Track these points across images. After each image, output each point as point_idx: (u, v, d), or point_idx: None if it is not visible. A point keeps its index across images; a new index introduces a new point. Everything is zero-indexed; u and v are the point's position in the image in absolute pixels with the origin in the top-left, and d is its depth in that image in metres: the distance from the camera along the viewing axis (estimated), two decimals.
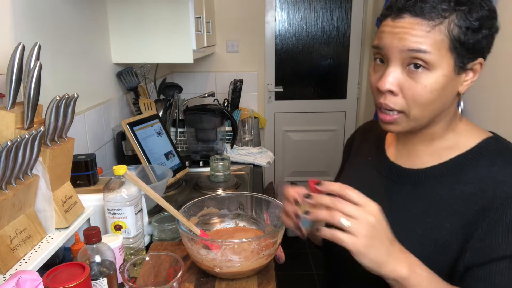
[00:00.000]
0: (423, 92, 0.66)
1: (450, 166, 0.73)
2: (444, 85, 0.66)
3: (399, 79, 0.67)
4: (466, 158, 0.72)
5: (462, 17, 0.64)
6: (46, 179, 0.79)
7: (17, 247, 0.72)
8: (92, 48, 1.51)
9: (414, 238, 0.71)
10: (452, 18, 0.64)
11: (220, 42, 2.90)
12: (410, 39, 0.65)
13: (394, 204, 0.77)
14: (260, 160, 1.84)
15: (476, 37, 0.65)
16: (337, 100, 3.16)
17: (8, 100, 0.76)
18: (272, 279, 0.88)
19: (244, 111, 2.59)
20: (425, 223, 0.71)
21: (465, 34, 0.64)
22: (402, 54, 0.66)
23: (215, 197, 1.04)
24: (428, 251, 0.69)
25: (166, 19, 1.64)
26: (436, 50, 0.64)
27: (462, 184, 0.70)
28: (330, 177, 3.30)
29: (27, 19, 1.06)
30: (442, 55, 0.64)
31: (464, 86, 0.70)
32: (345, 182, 0.88)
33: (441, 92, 0.67)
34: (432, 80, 0.66)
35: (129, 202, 0.92)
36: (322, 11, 2.99)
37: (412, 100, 0.67)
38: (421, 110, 0.68)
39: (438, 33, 0.64)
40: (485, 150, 0.72)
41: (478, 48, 0.66)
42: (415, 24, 0.64)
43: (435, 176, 0.74)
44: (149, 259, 0.80)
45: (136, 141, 1.43)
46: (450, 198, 0.70)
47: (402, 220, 0.74)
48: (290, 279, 2.56)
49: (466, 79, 0.69)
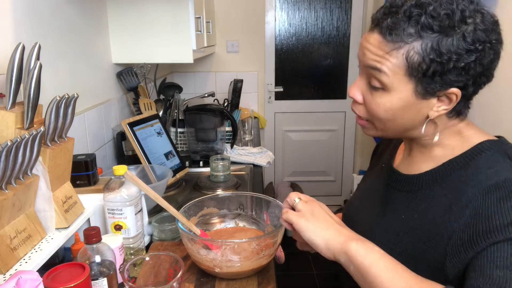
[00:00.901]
0: (377, 109, 0.68)
1: (440, 171, 0.71)
2: (401, 107, 0.66)
3: (363, 90, 0.70)
4: (456, 163, 0.69)
5: (427, 46, 0.60)
6: (46, 179, 0.79)
7: (17, 247, 0.72)
8: (92, 48, 1.51)
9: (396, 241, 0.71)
10: (414, 45, 0.61)
11: (220, 42, 2.90)
12: (370, 56, 0.66)
13: (388, 210, 0.77)
14: (260, 160, 1.84)
15: (441, 69, 0.61)
16: (337, 100, 3.16)
17: (8, 100, 0.76)
18: (272, 279, 0.88)
19: (244, 111, 2.59)
20: (409, 226, 0.71)
21: (427, 63, 0.61)
22: (365, 69, 0.68)
23: (215, 197, 1.04)
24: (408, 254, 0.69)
25: (166, 19, 1.64)
26: (391, 72, 0.64)
27: (448, 190, 0.68)
28: (330, 177, 3.31)
29: (27, 19, 1.06)
30: (398, 79, 0.64)
31: (434, 112, 0.66)
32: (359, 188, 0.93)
33: (399, 113, 0.67)
34: (386, 100, 0.66)
35: (129, 202, 0.92)
36: (322, 11, 2.99)
37: (370, 113, 0.70)
38: (382, 124, 0.70)
39: (395, 57, 0.62)
40: (478, 153, 0.68)
41: (447, 79, 0.62)
42: (378, 42, 0.64)
43: (426, 182, 0.72)
44: (149, 259, 0.81)
45: (136, 141, 1.43)
46: (436, 206, 0.68)
47: (390, 226, 0.75)
48: (290, 279, 2.56)
49: (438, 104, 0.65)
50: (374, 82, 0.66)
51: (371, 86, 0.68)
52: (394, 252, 0.69)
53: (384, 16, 0.64)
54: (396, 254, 0.68)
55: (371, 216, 0.80)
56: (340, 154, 3.27)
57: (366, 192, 0.87)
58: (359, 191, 0.93)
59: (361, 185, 0.93)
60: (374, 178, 0.88)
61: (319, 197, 3.67)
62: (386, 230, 0.75)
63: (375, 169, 0.90)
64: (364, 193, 0.88)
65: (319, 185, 3.29)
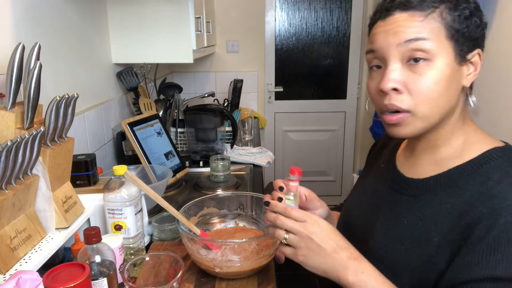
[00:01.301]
0: (430, 84, 0.63)
1: (446, 177, 0.69)
2: (449, 75, 0.63)
3: (402, 75, 0.64)
4: (464, 170, 0.67)
5: (451, 7, 0.63)
6: (46, 179, 0.79)
7: (17, 247, 0.72)
8: (92, 48, 1.51)
9: (400, 250, 0.69)
10: (442, 7, 0.63)
11: (220, 42, 2.90)
12: (406, 31, 0.63)
13: (389, 214, 0.75)
14: (260, 160, 1.84)
15: (469, 24, 0.64)
16: (337, 100, 3.16)
17: (8, 100, 0.76)
18: (272, 279, 0.88)
19: (244, 111, 2.59)
20: (413, 236, 0.68)
21: (459, 21, 0.63)
22: (400, 49, 0.64)
23: (215, 197, 1.04)
24: (413, 265, 0.67)
25: (166, 19, 1.64)
26: (435, 37, 0.62)
27: (455, 197, 0.66)
28: (330, 177, 3.31)
29: (27, 19, 1.06)
30: (441, 43, 0.63)
31: (468, 80, 0.67)
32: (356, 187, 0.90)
33: (447, 83, 0.64)
34: (437, 71, 0.63)
35: (129, 202, 0.92)
36: (322, 11, 2.99)
37: (420, 95, 0.64)
38: (429, 106, 0.64)
39: (433, 21, 0.62)
40: (487, 161, 0.66)
41: (474, 36, 0.65)
42: (408, 16, 0.63)
43: (430, 187, 0.70)
44: (149, 259, 0.81)
45: (136, 141, 1.43)
46: (441, 212, 0.66)
47: (391, 231, 0.72)
48: (290, 279, 2.56)
49: (468, 72, 0.67)
50: (418, 54, 0.63)
51: (414, 60, 0.63)
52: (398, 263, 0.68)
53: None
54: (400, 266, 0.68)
55: (371, 219, 0.78)
56: (340, 154, 3.27)
57: (365, 194, 0.85)
58: (356, 192, 0.91)
59: (359, 186, 0.91)
60: (373, 178, 0.86)
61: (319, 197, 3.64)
62: (388, 235, 0.73)
63: (373, 169, 0.88)
64: (362, 195, 0.86)
65: (319, 185, 3.29)
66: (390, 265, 0.68)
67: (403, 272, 0.67)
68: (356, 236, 0.73)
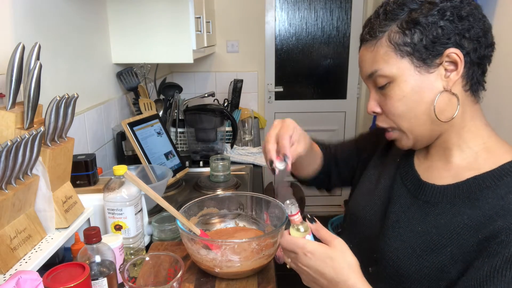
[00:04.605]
0: (394, 103, 0.68)
1: (464, 188, 0.67)
2: (412, 89, 0.66)
3: (377, 100, 0.72)
4: (483, 181, 0.66)
5: (402, 22, 0.66)
6: (46, 179, 0.79)
7: (17, 247, 0.72)
8: (92, 48, 1.51)
9: (412, 257, 0.69)
10: (391, 29, 0.66)
11: (220, 42, 2.90)
12: (365, 66, 0.71)
13: (402, 216, 0.74)
14: (260, 160, 1.84)
15: (427, 33, 0.64)
16: (337, 100, 3.16)
17: (8, 100, 0.76)
18: (272, 279, 0.88)
19: (244, 111, 2.59)
20: (426, 243, 0.68)
21: (410, 36, 0.65)
22: (368, 81, 0.72)
23: (215, 197, 1.04)
24: (424, 273, 0.66)
25: (166, 19, 1.64)
26: (386, 62, 0.67)
27: (473, 209, 0.65)
28: None
29: (27, 19, 1.06)
30: (395, 64, 0.66)
31: (450, 80, 0.65)
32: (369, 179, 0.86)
33: (414, 95, 0.67)
34: (396, 90, 0.68)
35: (129, 202, 0.92)
36: (322, 11, 2.99)
37: (391, 114, 0.70)
38: (405, 121, 0.69)
39: (380, 48, 0.67)
40: (508, 173, 0.64)
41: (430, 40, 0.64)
42: (365, 51, 0.70)
43: (448, 196, 0.69)
44: (149, 259, 0.80)
45: (136, 141, 1.43)
46: (457, 222, 0.65)
47: (404, 236, 0.71)
48: (290, 279, 2.55)
49: (447, 74, 0.66)
50: (380, 81, 0.69)
51: (380, 88, 0.70)
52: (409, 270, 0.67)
53: (363, 30, 0.71)
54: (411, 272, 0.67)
55: (382, 217, 0.77)
56: None
57: (379, 190, 0.82)
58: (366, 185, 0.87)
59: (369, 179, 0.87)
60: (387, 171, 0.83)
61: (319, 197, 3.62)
62: (400, 240, 0.71)
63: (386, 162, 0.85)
64: (374, 190, 0.83)
65: None
66: (399, 270, 0.68)
67: (414, 279, 0.66)
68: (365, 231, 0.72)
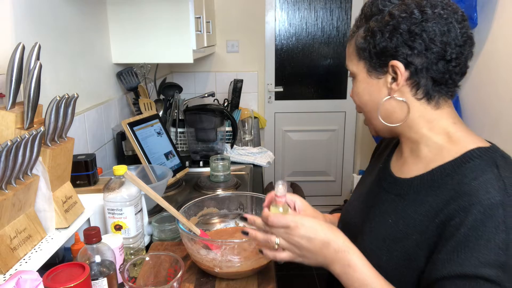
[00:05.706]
0: (354, 95, 0.78)
1: (428, 177, 0.70)
2: (363, 88, 0.75)
3: None
4: (444, 169, 0.68)
5: (365, 28, 0.72)
6: (46, 179, 0.79)
7: (17, 247, 0.72)
8: (92, 48, 1.51)
9: (382, 247, 0.72)
10: (359, 33, 0.73)
11: (220, 42, 2.90)
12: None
13: (377, 212, 0.77)
14: (260, 160, 1.84)
15: (379, 41, 0.69)
16: (337, 100, 3.16)
17: (8, 100, 0.76)
18: (272, 279, 0.88)
19: (244, 111, 2.59)
20: (395, 234, 0.71)
21: (366, 41, 0.71)
22: None
23: (215, 197, 1.04)
24: (394, 262, 0.69)
25: (166, 19, 1.64)
26: (350, 61, 0.77)
27: (433, 197, 0.67)
28: (330, 177, 3.31)
29: (27, 19, 1.06)
30: (356, 63, 0.75)
31: (393, 90, 0.71)
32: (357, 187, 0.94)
33: (364, 95, 0.75)
34: (355, 86, 0.77)
35: (129, 202, 0.92)
36: (322, 11, 2.99)
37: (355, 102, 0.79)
38: (364, 113, 0.79)
39: (350, 47, 0.76)
40: (467, 161, 0.67)
41: (379, 50, 0.69)
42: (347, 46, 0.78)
43: (414, 186, 0.72)
44: (149, 259, 0.81)
45: (136, 141, 1.43)
46: (420, 211, 0.68)
47: (377, 229, 0.75)
48: (290, 279, 2.56)
49: (391, 81, 0.71)
50: (350, 75, 0.78)
51: None
52: (381, 260, 0.70)
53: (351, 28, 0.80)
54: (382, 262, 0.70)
55: (364, 218, 0.80)
56: (340, 154, 3.26)
57: (363, 194, 0.87)
58: (356, 192, 0.92)
59: (359, 186, 0.93)
60: (371, 178, 0.87)
61: (319, 197, 3.63)
62: (374, 234, 0.75)
63: (374, 169, 0.90)
64: (361, 195, 0.88)
65: (319, 185, 3.29)
66: (376, 263, 0.70)
67: (386, 269, 0.69)
68: (352, 235, 0.75)
